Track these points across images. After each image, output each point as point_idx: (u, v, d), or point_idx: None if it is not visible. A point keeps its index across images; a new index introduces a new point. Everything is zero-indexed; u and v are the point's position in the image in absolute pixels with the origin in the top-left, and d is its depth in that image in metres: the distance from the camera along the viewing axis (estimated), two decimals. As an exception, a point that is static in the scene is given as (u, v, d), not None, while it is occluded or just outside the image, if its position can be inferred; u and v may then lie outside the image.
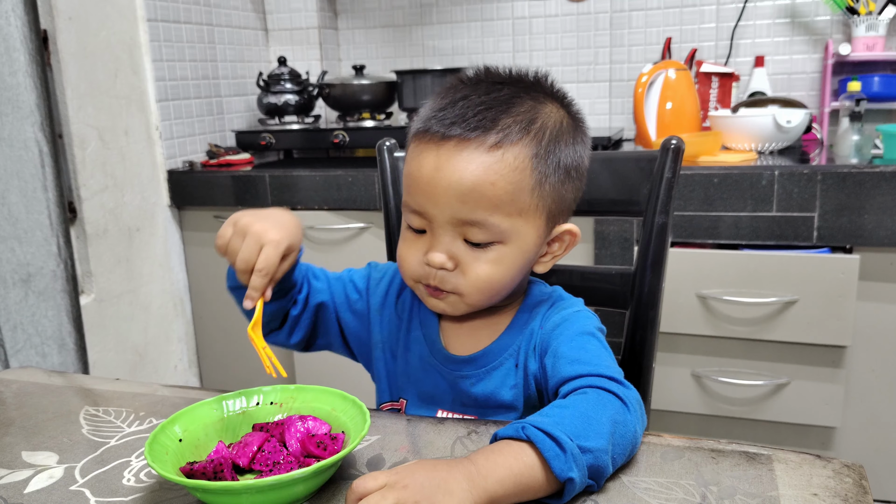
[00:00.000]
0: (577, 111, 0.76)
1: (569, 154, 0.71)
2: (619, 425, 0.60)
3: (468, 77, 0.73)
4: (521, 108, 0.69)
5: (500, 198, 0.67)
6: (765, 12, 2.06)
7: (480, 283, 0.70)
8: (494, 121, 0.68)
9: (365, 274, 0.84)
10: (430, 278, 0.71)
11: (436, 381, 0.78)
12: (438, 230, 0.69)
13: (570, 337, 0.70)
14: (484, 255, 0.69)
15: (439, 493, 0.52)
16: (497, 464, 0.55)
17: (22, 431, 0.73)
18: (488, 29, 2.32)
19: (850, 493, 0.55)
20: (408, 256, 0.73)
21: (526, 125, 0.68)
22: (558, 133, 0.71)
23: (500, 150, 0.67)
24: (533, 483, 0.56)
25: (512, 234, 0.69)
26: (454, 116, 0.68)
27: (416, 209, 0.70)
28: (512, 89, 0.71)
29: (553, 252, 0.75)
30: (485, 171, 0.66)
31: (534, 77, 0.74)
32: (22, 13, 1.41)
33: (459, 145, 0.67)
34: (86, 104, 1.75)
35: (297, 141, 2.14)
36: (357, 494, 0.52)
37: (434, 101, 0.72)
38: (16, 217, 1.44)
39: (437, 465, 0.55)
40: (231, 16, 2.24)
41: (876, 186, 1.48)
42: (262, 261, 0.68)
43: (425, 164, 0.69)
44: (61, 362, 1.53)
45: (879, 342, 1.59)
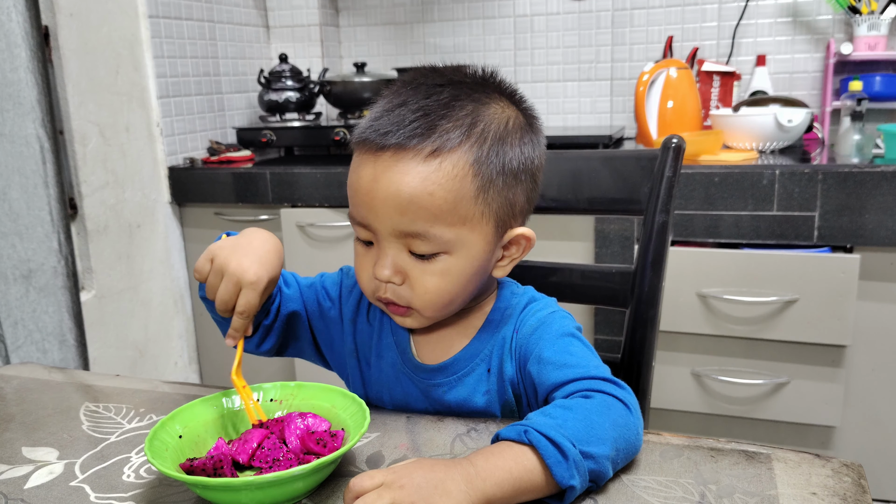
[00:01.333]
0: (527, 108, 0.72)
1: (515, 156, 0.68)
2: (623, 429, 0.60)
3: (409, 79, 0.70)
4: (461, 111, 0.66)
5: (440, 208, 0.64)
6: (766, 11, 2.06)
7: (430, 296, 0.68)
8: (432, 127, 0.65)
9: (337, 280, 0.82)
10: (381, 292, 0.69)
11: (408, 389, 0.76)
12: (383, 242, 0.67)
13: (552, 340, 0.69)
14: (430, 267, 0.67)
15: (436, 494, 0.52)
16: (497, 466, 0.55)
17: (22, 427, 0.73)
18: (490, 27, 2.31)
19: (848, 493, 0.55)
20: (361, 272, 0.71)
21: (466, 129, 0.65)
22: (503, 134, 0.67)
23: (437, 159, 0.64)
24: (532, 487, 0.55)
25: (457, 243, 0.66)
26: (390, 124, 0.65)
27: (360, 221, 0.68)
28: (453, 91, 0.67)
29: (510, 255, 0.72)
30: (422, 182, 0.64)
31: (479, 76, 0.71)
32: (23, 9, 1.41)
33: (396, 155, 0.64)
34: (87, 100, 1.75)
35: (298, 138, 2.14)
36: (354, 493, 0.51)
37: (374, 107, 0.69)
38: (17, 213, 1.45)
39: (435, 465, 0.54)
40: (232, 12, 2.24)
41: (877, 186, 1.48)
42: (243, 304, 0.67)
43: (363, 176, 0.66)
44: (62, 358, 1.53)
45: (879, 342, 1.59)
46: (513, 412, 0.74)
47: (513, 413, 0.74)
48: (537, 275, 0.99)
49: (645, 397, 0.94)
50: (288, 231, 1.92)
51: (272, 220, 1.96)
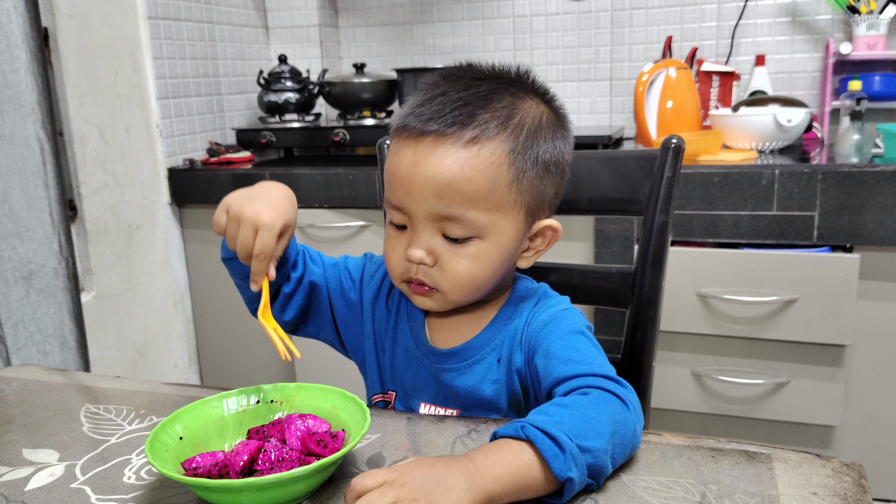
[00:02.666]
0: (558, 106, 0.75)
1: (548, 149, 0.71)
2: (620, 425, 0.60)
3: (448, 73, 0.73)
4: (499, 103, 0.69)
5: (477, 193, 0.67)
6: (766, 11, 2.06)
7: (459, 279, 0.70)
8: (471, 116, 0.68)
9: (360, 264, 0.85)
10: (412, 273, 0.71)
11: (419, 374, 0.78)
12: (418, 225, 0.70)
13: (561, 336, 0.70)
14: (462, 251, 0.70)
15: (438, 491, 0.52)
16: (496, 462, 0.55)
17: (23, 429, 0.73)
18: (489, 27, 2.31)
19: (849, 492, 0.56)
20: (391, 255, 0.73)
21: (504, 121, 0.69)
22: (537, 128, 0.71)
23: (476, 146, 0.67)
24: (532, 482, 0.56)
25: (490, 229, 0.69)
26: (431, 112, 0.68)
27: (396, 205, 0.71)
28: (491, 85, 0.71)
29: (535, 247, 0.75)
30: (461, 167, 0.67)
31: (515, 73, 0.74)
32: (23, 11, 1.41)
33: (436, 141, 0.67)
34: (86, 102, 1.75)
35: (298, 139, 2.14)
36: (356, 492, 0.52)
37: (414, 97, 0.72)
38: (17, 215, 1.45)
39: (436, 463, 0.55)
40: (232, 13, 2.24)
41: (876, 186, 1.48)
42: (259, 246, 0.69)
43: (403, 160, 0.69)
44: (63, 360, 1.53)
45: (879, 341, 1.59)
46: (519, 403, 0.75)
47: (519, 405, 0.75)
48: (538, 275, 0.98)
49: (645, 397, 0.94)
50: (288, 232, 1.92)
51: (272, 221, 1.96)
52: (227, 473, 0.58)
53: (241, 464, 0.59)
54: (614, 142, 1.95)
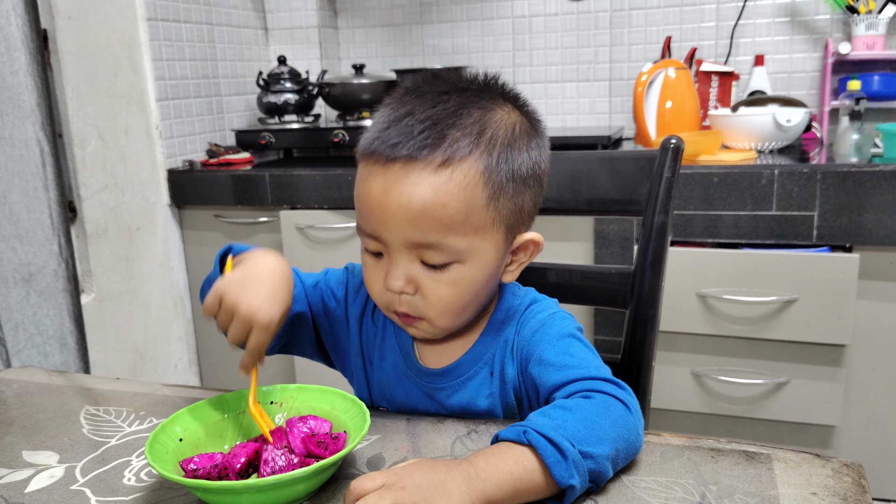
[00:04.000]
0: (531, 111, 0.72)
1: (523, 162, 0.68)
2: (622, 429, 0.60)
3: (413, 87, 0.69)
4: (468, 119, 0.66)
5: (453, 218, 0.64)
6: (765, 11, 2.06)
7: (443, 305, 0.68)
8: (441, 136, 0.64)
9: (343, 279, 0.81)
10: (395, 304, 0.69)
11: (410, 391, 0.76)
12: (394, 254, 0.67)
13: (553, 342, 0.69)
14: (443, 277, 0.67)
15: (437, 495, 0.52)
16: (497, 467, 0.55)
17: (23, 431, 0.73)
18: (488, 28, 2.31)
19: (849, 492, 0.56)
20: (372, 285, 0.70)
21: (475, 137, 0.65)
22: (510, 141, 0.67)
23: (448, 169, 0.64)
24: (532, 488, 0.56)
25: (469, 252, 0.66)
26: (399, 135, 0.64)
27: (370, 233, 0.67)
28: (459, 98, 0.67)
29: (518, 260, 0.72)
30: (434, 193, 0.63)
31: (483, 81, 0.70)
32: (22, 12, 1.41)
33: (406, 166, 0.64)
34: (86, 103, 1.75)
35: (297, 140, 2.14)
36: (355, 495, 0.51)
37: (379, 116, 0.68)
38: (17, 216, 1.45)
39: (436, 466, 0.55)
40: (231, 15, 2.24)
41: (876, 185, 1.49)
42: (253, 344, 0.65)
43: (373, 188, 0.65)
44: (63, 361, 1.53)
45: (879, 341, 1.59)
46: (514, 415, 0.74)
47: (514, 416, 0.74)
48: (537, 276, 0.99)
49: (645, 397, 0.94)
50: (287, 233, 1.92)
51: (271, 222, 1.96)
52: (226, 475, 0.58)
53: (239, 466, 0.59)
54: (613, 142, 1.95)
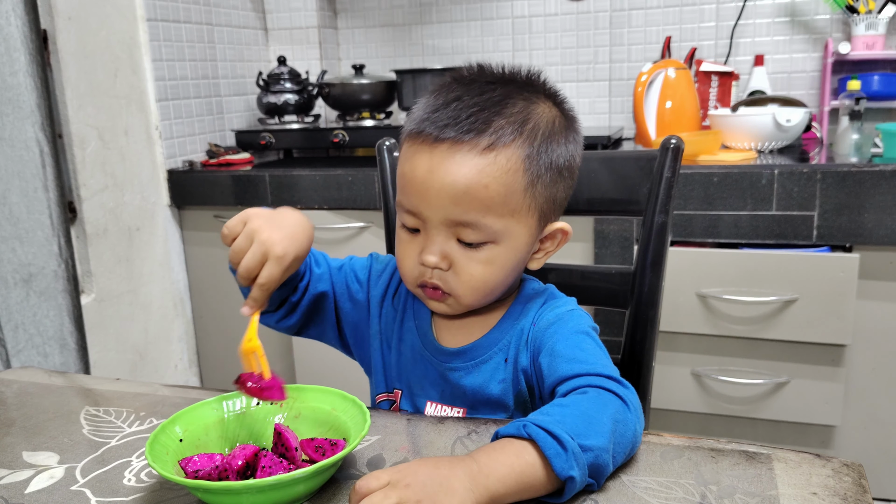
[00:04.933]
0: (569, 109, 0.77)
1: (561, 154, 0.72)
2: (620, 424, 0.60)
3: (462, 76, 0.74)
4: (513, 108, 0.70)
5: (493, 199, 0.68)
6: (764, 11, 2.06)
7: (474, 283, 0.71)
8: (487, 122, 0.68)
9: (367, 264, 0.85)
10: (426, 276, 0.72)
11: (426, 372, 0.78)
12: (432, 230, 0.70)
13: (566, 335, 0.71)
14: (477, 255, 0.70)
15: (441, 492, 0.52)
16: (499, 462, 0.56)
17: (23, 432, 0.73)
18: (488, 28, 2.31)
19: (849, 492, 0.56)
20: (404, 259, 0.74)
21: (518, 126, 0.69)
22: (551, 133, 0.71)
23: (492, 153, 0.68)
24: (534, 481, 0.56)
25: (504, 234, 0.70)
26: (447, 118, 0.68)
27: (410, 209, 0.71)
28: (504, 89, 0.71)
29: (546, 249, 0.76)
30: (478, 174, 0.67)
31: (526, 76, 0.75)
32: (22, 13, 1.41)
33: (452, 148, 0.68)
34: (86, 104, 1.75)
35: (297, 140, 2.14)
36: (360, 494, 0.52)
37: (427, 100, 0.72)
38: (17, 217, 1.44)
39: (440, 463, 0.55)
40: (231, 15, 2.24)
41: (876, 185, 1.49)
42: (265, 276, 0.66)
43: (419, 166, 0.69)
44: (63, 362, 1.53)
45: (879, 341, 1.59)
46: (525, 403, 0.75)
47: (525, 404, 0.76)
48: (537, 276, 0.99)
49: (645, 398, 0.94)
50: (287, 233, 1.92)
51: (272, 222, 1.96)
52: (226, 476, 0.58)
53: (238, 466, 0.59)
54: (613, 142, 1.95)
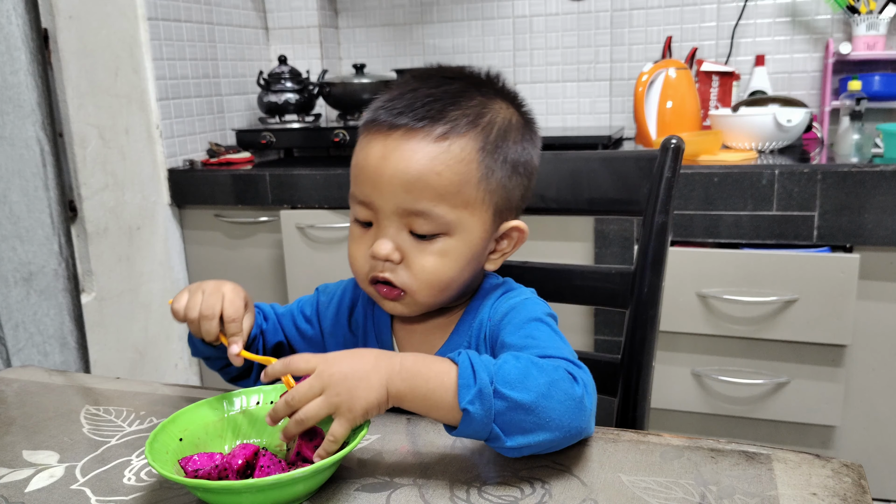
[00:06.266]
0: (527, 111, 0.76)
1: (516, 150, 0.72)
2: (559, 393, 0.58)
3: (419, 73, 0.74)
4: (469, 101, 0.70)
5: (446, 188, 0.67)
6: (765, 11, 2.06)
7: (426, 276, 0.69)
8: (442, 112, 0.68)
9: (313, 300, 0.84)
10: (378, 271, 0.70)
11: None
12: (384, 221, 0.69)
13: (518, 326, 0.69)
14: (429, 247, 0.69)
15: (361, 387, 0.57)
16: (419, 373, 0.58)
17: (23, 430, 0.73)
18: (489, 27, 2.31)
19: (849, 493, 0.56)
20: (356, 253, 0.72)
21: (474, 118, 0.69)
22: (506, 129, 0.71)
23: (446, 141, 0.67)
24: (440, 402, 0.58)
25: (458, 226, 0.69)
26: (402, 107, 0.68)
27: (362, 199, 0.70)
28: (462, 84, 0.71)
29: (502, 249, 0.75)
30: (431, 161, 0.67)
31: (485, 75, 0.75)
32: (23, 12, 1.41)
33: (406, 135, 0.67)
34: (86, 103, 1.75)
35: (298, 140, 2.14)
36: (288, 370, 0.59)
37: (385, 94, 0.72)
38: (17, 216, 1.45)
39: (365, 357, 0.59)
40: (231, 14, 2.24)
41: (876, 185, 1.48)
42: (229, 308, 0.70)
43: (372, 154, 0.69)
44: (63, 361, 1.53)
45: (879, 341, 1.59)
46: None
47: None
48: (537, 275, 0.99)
49: (645, 397, 0.94)
50: (287, 232, 1.92)
51: (272, 221, 1.96)
52: (226, 475, 0.58)
53: (238, 466, 0.59)
54: (614, 142, 1.95)
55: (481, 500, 0.57)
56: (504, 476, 0.60)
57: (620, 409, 0.93)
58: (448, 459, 0.63)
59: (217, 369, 0.81)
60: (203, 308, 0.69)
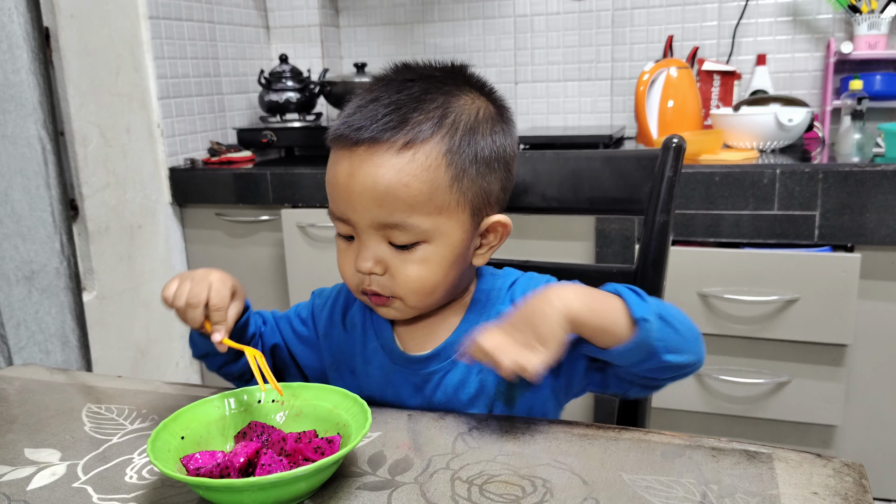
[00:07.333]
0: (498, 98, 0.75)
1: (487, 145, 0.71)
2: (690, 322, 0.69)
3: (382, 77, 0.73)
4: (432, 104, 0.69)
5: (416, 198, 0.67)
6: (767, 10, 2.06)
7: (412, 285, 0.70)
8: (404, 120, 0.67)
9: (309, 304, 0.85)
10: (365, 284, 0.71)
11: (399, 390, 0.77)
12: (363, 235, 0.70)
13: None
14: (410, 256, 0.69)
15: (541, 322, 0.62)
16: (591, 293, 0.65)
17: (25, 429, 0.73)
18: (490, 27, 2.31)
19: (850, 492, 0.56)
20: (344, 267, 0.73)
21: (438, 120, 0.68)
22: (473, 125, 0.70)
23: (410, 150, 0.67)
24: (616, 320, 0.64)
25: (435, 232, 0.69)
26: (363, 120, 0.67)
27: (339, 216, 0.70)
28: (423, 85, 0.70)
29: (488, 243, 0.75)
30: (397, 174, 0.66)
31: (449, 70, 0.74)
32: (24, 10, 1.41)
33: (370, 149, 0.67)
34: (88, 101, 1.75)
35: (299, 138, 2.14)
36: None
37: (348, 105, 0.71)
38: (19, 214, 1.45)
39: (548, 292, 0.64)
40: (233, 13, 2.24)
41: (877, 185, 1.48)
42: (215, 297, 0.70)
43: (340, 171, 0.69)
44: (64, 359, 1.53)
45: (880, 341, 1.59)
46: (506, 391, 0.75)
47: (507, 391, 0.75)
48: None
49: (647, 397, 0.94)
50: (288, 231, 1.92)
51: (273, 220, 1.96)
52: (227, 473, 0.58)
53: (240, 464, 0.60)
54: (615, 141, 1.95)
55: (483, 498, 0.57)
56: (505, 474, 0.60)
57: (621, 408, 0.93)
58: (449, 457, 0.63)
59: (216, 369, 0.81)
60: (189, 296, 0.70)
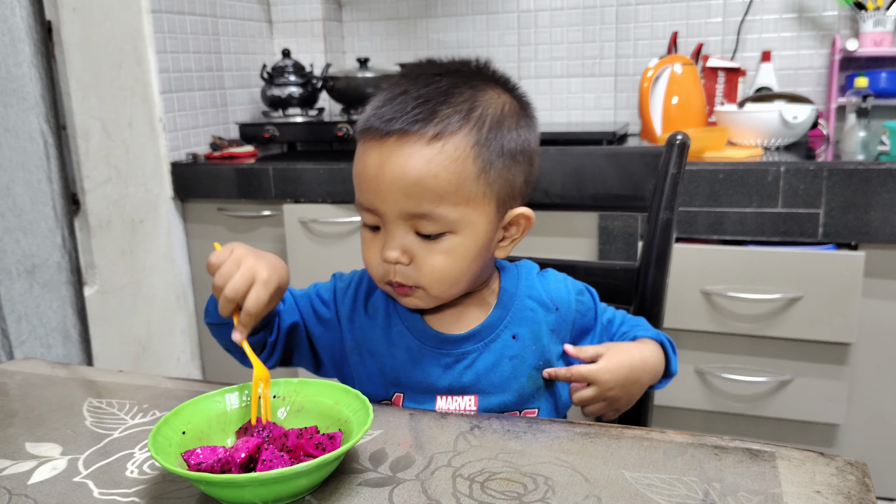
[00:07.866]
0: (521, 94, 0.76)
1: (513, 138, 0.72)
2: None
3: (408, 71, 0.75)
4: (460, 97, 0.70)
5: (445, 189, 0.68)
6: (772, 7, 2.05)
7: (437, 274, 0.71)
8: (433, 112, 0.69)
9: (331, 286, 0.85)
10: (391, 275, 0.72)
11: (428, 370, 0.77)
12: (390, 225, 0.71)
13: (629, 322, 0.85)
14: (437, 247, 0.71)
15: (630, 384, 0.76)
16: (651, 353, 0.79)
17: (26, 423, 0.73)
18: (493, 22, 2.31)
19: (853, 491, 0.55)
20: (369, 258, 0.74)
21: (465, 114, 0.70)
22: (500, 119, 0.72)
23: (440, 142, 0.68)
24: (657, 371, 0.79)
25: (462, 223, 0.70)
26: (393, 112, 0.69)
27: (367, 207, 0.72)
28: (451, 79, 0.72)
29: (511, 236, 0.76)
30: (426, 164, 0.68)
31: (474, 66, 0.75)
32: (27, 4, 1.41)
33: (400, 140, 0.68)
34: (90, 95, 1.75)
35: (301, 133, 2.13)
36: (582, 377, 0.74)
37: (376, 98, 0.73)
38: (21, 208, 1.45)
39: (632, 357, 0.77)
40: (235, 7, 2.24)
41: (882, 183, 1.48)
42: (252, 300, 0.67)
43: (369, 162, 0.70)
44: (65, 353, 1.53)
45: (884, 339, 1.58)
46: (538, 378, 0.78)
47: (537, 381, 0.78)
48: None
49: (648, 395, 0.94)
50: (290, 227, 1.92)
51: (275, 215, 1.96)
52: (229, 469, 0.58)
53: (241, 459, 0.59)
54: (619, 138, 1.94)
55: (484, 495, 0.57)
56: (507, 472, 0.60)
57: (624, 406, 0.92)
58: (451, 455, 0.63)
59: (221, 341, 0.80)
60: (228, 289, 0.67)
